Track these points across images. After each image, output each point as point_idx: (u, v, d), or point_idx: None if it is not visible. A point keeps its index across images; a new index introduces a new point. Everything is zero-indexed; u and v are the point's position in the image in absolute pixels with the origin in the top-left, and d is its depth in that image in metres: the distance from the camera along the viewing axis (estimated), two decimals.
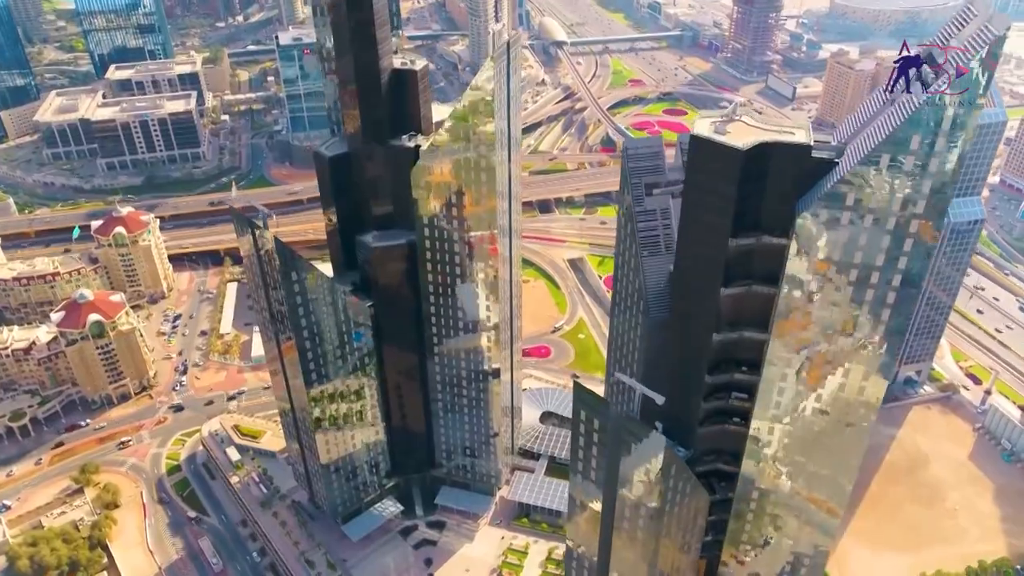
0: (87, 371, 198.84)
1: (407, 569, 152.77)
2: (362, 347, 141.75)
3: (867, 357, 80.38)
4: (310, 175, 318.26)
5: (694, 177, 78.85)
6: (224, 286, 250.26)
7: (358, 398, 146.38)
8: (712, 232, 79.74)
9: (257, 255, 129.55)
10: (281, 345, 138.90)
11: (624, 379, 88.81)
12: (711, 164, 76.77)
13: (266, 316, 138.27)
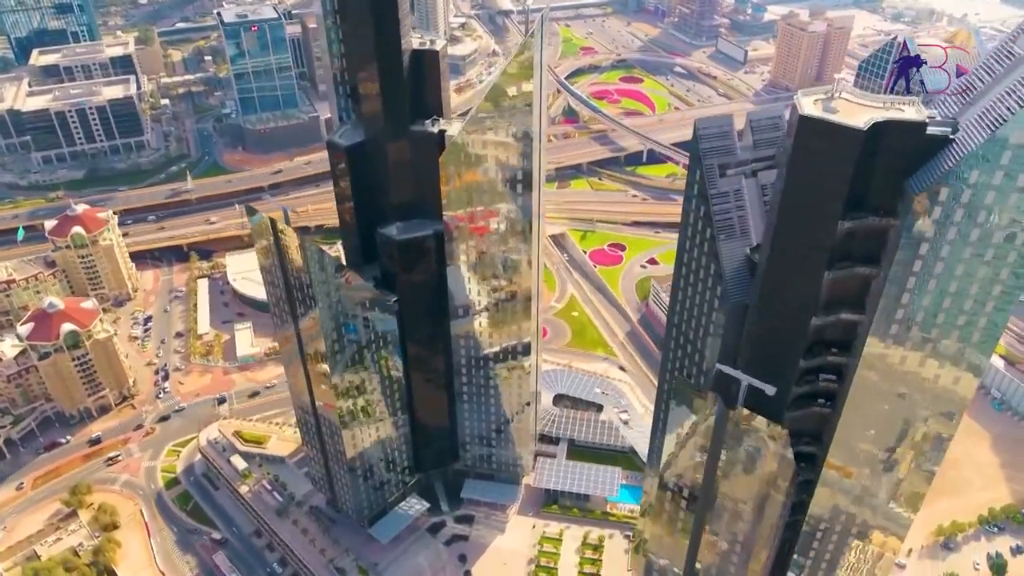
0: (63, 385, 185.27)
1: (442, 568, 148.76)
2: (386, 341, 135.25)
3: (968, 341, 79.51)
4: (266, 160, 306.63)
5: (803, 159, 75.82)
6: (194, 283, 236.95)
7: (383, 394, 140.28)
8: (820, 215, 77.30)
9: (278, 254, 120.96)
10: (304, 346, 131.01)
11: (729, 371, 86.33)
12: (824, 145, 73.94)
13: (286, 317, 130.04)
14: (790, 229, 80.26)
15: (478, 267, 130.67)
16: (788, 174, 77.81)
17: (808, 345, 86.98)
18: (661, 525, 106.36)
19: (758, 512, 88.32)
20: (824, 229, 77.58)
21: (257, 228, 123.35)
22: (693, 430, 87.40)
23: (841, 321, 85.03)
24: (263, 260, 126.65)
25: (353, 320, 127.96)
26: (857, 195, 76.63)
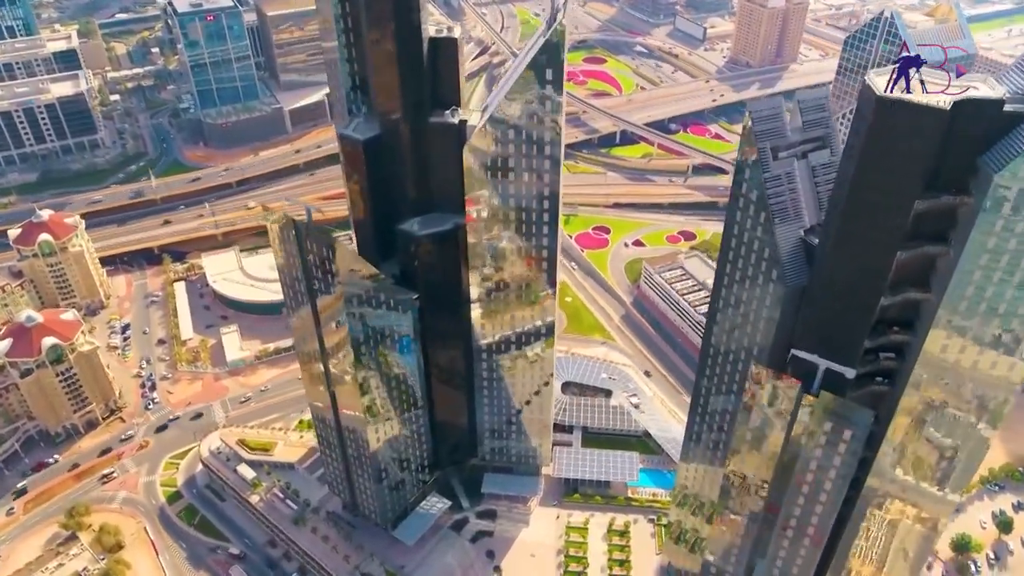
0: (47, 402, 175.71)
1: (470, 565, 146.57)
2: (408, 338, 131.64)
3: None
4: (229, 155, 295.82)
5: (881, 140, 75.26)
6: (171, 287, 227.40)
7: (405, 392, 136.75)
8: (897, 195, 76.94)
9: (302, 254, 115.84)
10: (326, 347, 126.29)
11: (806, 356, 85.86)
12: (905, 126, 73.49)
13: (306, 319, 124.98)
14: (863, 210, 79.82)
15: (500, 257, 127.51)
16: (863, 155, 77.14)
17: (874, 324, 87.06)
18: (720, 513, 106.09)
19: (826, 493, 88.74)
20: (900, 209, 77.37)
21: (277, 228, 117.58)
22: (767, 416, 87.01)
23: (906, 300, 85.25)
24: (282, 261, 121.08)
25: (378, 319, 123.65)
26: (931, 174, 76.50)
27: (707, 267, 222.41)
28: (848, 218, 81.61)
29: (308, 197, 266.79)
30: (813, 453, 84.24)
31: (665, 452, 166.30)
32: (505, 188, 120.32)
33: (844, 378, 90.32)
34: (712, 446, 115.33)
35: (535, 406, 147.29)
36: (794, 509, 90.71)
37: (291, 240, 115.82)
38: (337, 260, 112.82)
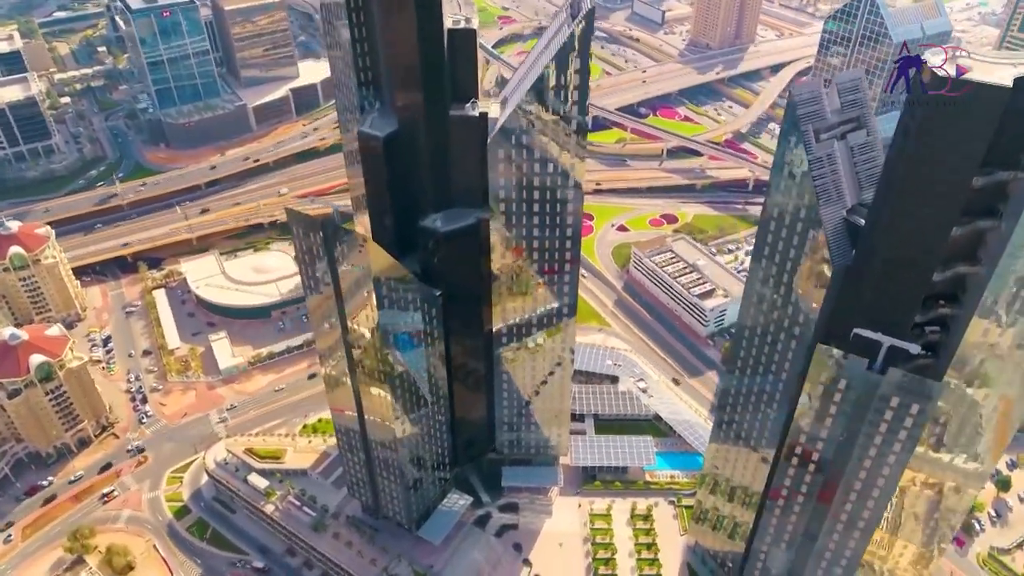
0: (36, 422, 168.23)
1: (498, 560, 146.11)
2: (432, 335, 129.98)
3: None
4: (194, 156, 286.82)
5: (940, 119, 76.72)
6: (150, 295, 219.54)
7: (429, 389, 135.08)
8: (955, 172, 78.55)
9: (329, 255, 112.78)
10: (352, 348, 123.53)
11: (868, 334, 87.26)
12: (965, 104, 74.95)
13: (332, 321, 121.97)
14: (921, 188, 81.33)
15: (523, 249, 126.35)
16: (921, 135, 78.53)
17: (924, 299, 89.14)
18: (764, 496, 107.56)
19: (889, 467, 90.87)
20: (959, 186, 79.06)
21: (302, 230, 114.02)
22: (828, 396, 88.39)
23: (955, 274, 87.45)
24: (306, 263, 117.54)
25: (405, 317, 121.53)
26: (987, 151, 78.28)
27: (695, 249, 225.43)
28: (906, 196, 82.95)
29: (285, 196, 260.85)
30: (879, 429, 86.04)
31: (677, 434, 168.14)
32: (529, 179, 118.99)
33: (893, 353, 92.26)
34: (749, 429, 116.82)
35: (554, 396, 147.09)
36: (853, 486, 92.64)
37: (317, 241, 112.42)
38: (370, 261, 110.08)
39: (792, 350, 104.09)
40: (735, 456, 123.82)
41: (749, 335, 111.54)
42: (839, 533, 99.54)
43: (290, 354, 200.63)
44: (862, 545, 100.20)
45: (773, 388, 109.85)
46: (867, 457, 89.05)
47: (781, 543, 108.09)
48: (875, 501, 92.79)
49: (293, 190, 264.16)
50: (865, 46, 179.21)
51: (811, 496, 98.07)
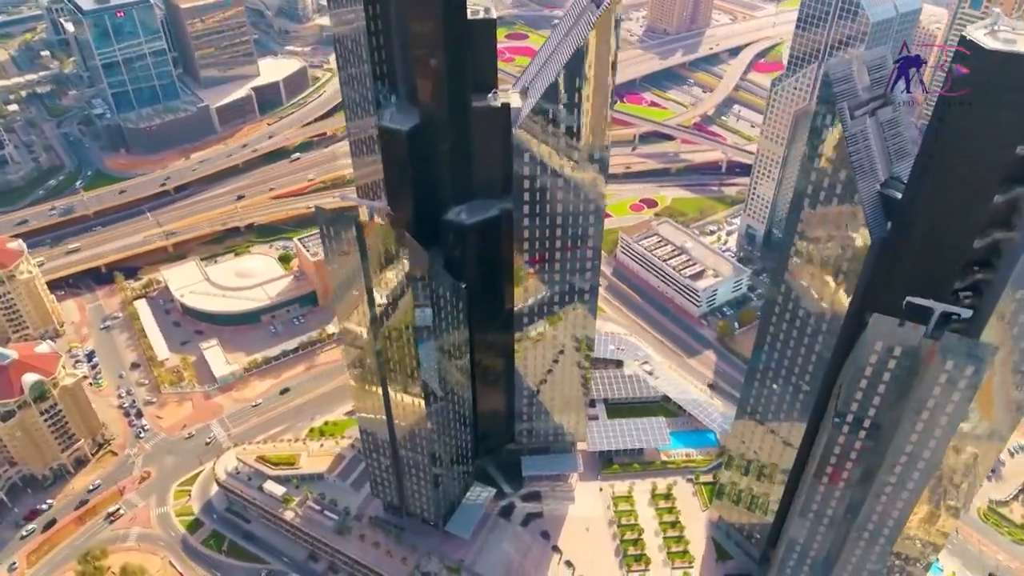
0: (32, 444, 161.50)
1: (528, 549, 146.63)
2: (458, 328, 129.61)
3: None
4: (157, 161, 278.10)
5: (988, 90, 79.81)
6: (131, 306, 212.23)
7: (456, 383, 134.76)
8: (1000, 142, 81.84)
9: (362, 251, 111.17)
10: (382, 346, 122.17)
11: (921, 301, 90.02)
12: (1013, 75, 78.19)
13: (362, 318, 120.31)
14: (967, 158, 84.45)
15: (547, 238, 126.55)
16: (969, 107, 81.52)
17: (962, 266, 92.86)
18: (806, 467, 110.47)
19: (940, 428, 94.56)
20: (1003, 155, 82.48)
21: (334, 229, 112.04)
22: (883, 364, 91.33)
23: (992, 241, 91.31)
24: (338, 261, 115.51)
25: (436, 311, 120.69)
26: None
27: (681, 232, 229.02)
28: (950, 167, 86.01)
29: (260, 198, 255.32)
30: (933, 393, 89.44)
31: (687, 413, 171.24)
32: (555, 167, 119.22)
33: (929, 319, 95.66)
34: (779, 404, 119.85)
35: (573, 383, 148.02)
36: (902, 452, 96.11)
37: (351, 240, 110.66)
38: (405, 256, 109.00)
39: (827, 323, 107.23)
40: (763, 432, 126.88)
41: (780, 311, 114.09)
42: (883, 503, 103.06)
43: (286, 358, 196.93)
44: (905, 513, 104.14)
45: (806, 361, 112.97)
46: (919, 421, 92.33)
47: (824, 515, 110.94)
48: (924, 465, 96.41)
49: (266, 192, 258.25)
50: (843, 18, 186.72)
51: (858, 465, 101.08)
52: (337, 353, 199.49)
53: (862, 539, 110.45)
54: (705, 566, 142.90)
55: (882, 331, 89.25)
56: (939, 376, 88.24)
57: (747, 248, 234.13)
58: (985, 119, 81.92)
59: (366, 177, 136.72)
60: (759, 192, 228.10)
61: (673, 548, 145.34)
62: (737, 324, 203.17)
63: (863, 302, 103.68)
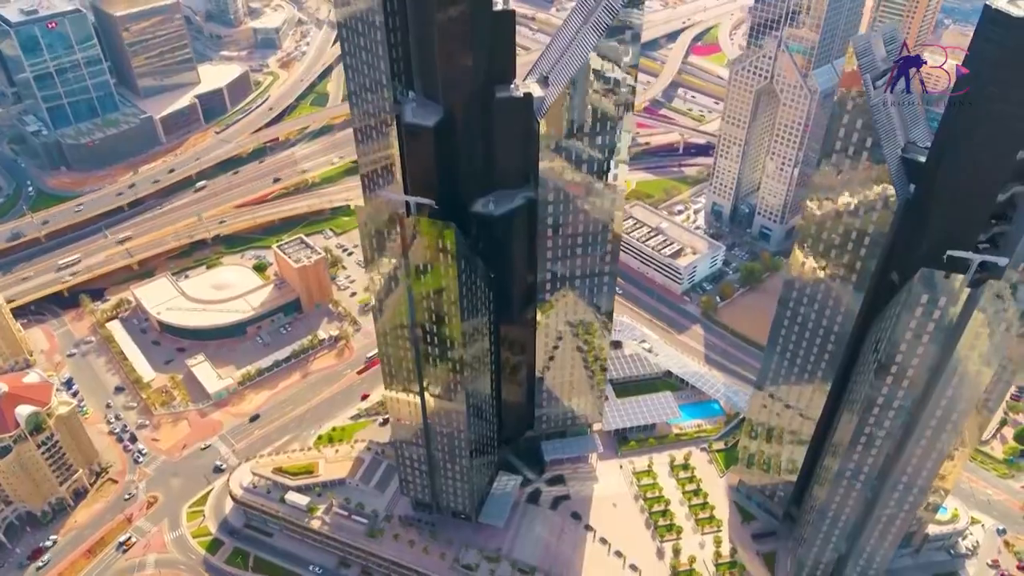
0: (28, 479, 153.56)
1: (562, 530, 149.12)
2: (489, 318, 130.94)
3: None
4: (102, 177, 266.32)
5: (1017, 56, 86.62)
6: (104, 329, 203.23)
7: (486, 373, 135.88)
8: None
9: (404, 246, 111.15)
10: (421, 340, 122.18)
11: (960, 253, 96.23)
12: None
13: (402, 317, 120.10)
14: (993, 119, 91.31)
15: (569, 223, 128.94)
16: (999, 72, 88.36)
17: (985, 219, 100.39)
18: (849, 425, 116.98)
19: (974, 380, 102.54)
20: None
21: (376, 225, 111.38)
22: (928, 315, 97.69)
23: (1011, 195, 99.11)
24: (380, 257, 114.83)
25: (472, 302, 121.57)
26: None
27: (654, 214, 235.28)
28: (978, 129, 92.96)
29: (221, 208, 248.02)
30: (979, 337, 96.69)
31: (690, 386, 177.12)
32: (579, 154, 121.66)
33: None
34: (803, 364, 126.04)
35: (593, 366, 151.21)
36: (946, 392, 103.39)
37: (393, 236, 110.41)
38: (452, 250, 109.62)
39: (853, 283, 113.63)
40: (786, 395, 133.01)
41: (801, 277, 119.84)
42: (921, 452, 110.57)
43: (279, 368, 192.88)
44: (940, 459, 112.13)
45: (831, 323, 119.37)
46: (963, 362, 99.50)
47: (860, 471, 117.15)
48: (964, 406, 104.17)
49: (225, 201, 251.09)
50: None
51: (900, 415, 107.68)
52: (331, 359, 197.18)
53: (896, 490, 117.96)
54: (732, 528, 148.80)
55: (929, 283, 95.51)
56: (986, 318, 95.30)
57: (716, 225, 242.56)
58: (1014, 81, 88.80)
59: (368, 165, 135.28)
60: (722, 170, 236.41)
61: (700, 515, 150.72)
62: (719, 298, 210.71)
63: (887, 261, 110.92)
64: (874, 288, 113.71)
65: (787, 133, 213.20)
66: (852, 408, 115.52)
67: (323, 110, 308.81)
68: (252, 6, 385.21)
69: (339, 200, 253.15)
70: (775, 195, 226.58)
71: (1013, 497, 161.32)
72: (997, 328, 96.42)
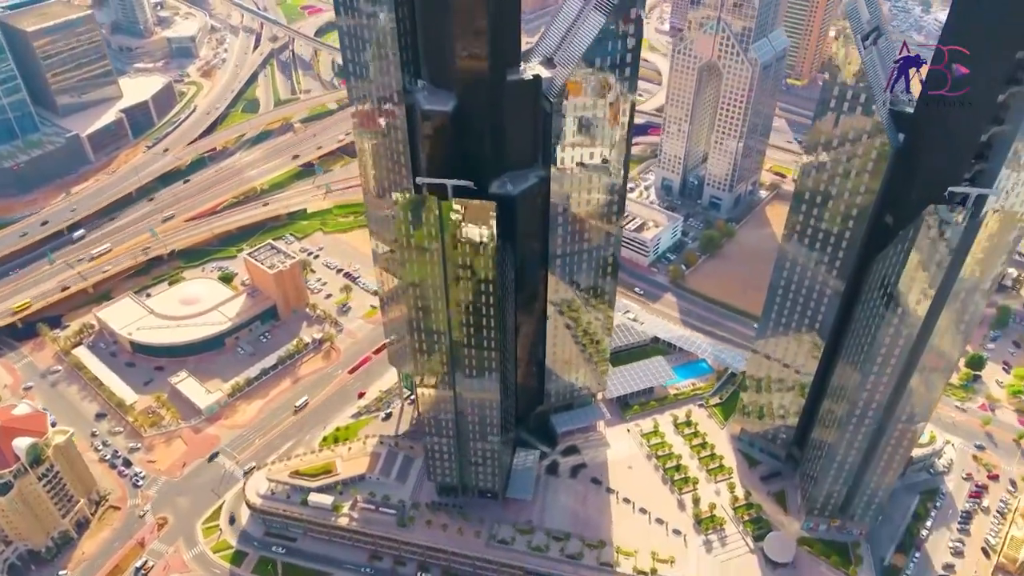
0: (30, 515, 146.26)
1: (585, 496, 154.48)
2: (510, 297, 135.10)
3: None
4: (31, 201, 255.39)
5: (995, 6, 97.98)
6: (72, 356, 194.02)
7: (510, 351, 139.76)
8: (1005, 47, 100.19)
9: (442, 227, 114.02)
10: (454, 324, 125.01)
11: (961, 189, 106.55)
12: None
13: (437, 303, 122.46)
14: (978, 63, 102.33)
15: (578, 199, 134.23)
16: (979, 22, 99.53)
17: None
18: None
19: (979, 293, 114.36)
20: (1008, 60, 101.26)
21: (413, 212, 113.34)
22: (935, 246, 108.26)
23: (991, 134, 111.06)
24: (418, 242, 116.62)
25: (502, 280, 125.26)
26: None
27: None
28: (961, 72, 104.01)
29: (172, 223, 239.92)
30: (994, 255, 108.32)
31: (678, 348, 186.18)
32: (587, 131, 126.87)
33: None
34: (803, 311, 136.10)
35: (600, 338, 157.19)
36: (949, 317, 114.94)
37: (432, 220, 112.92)
38: (494, 227, 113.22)
39: (851, 226, 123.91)
40: (787, 343, 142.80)
41: (803, 226, 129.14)
42: (929, 367, 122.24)
43: (267, 376, 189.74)
44: (943, 381, 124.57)
45: (830, 267, 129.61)
46: (967, 282, 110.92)
47: (871, 403, 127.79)
48: (965, 326, 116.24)
49: (177, 214, 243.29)
50: None
51: (908, 343, 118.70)
52: (319, 361, 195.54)
53: (900, 420, 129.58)
54: (741, 474, 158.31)
55: (936, 216, 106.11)
56: (987, 242, 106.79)
57: (667, 199, 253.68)
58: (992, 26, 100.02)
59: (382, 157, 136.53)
60: (669, 147, 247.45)
61: (710, 466, 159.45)
62: (684, 266, 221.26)
63: (882, 202, 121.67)
64: (868, 233, 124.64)
65: (732, 105, 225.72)
66: (856, 349, 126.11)
67: (257, 116, 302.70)
68: (161, 15, 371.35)
69: (295, 205, 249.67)
70: (722, 166, 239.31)
71: (973, 418, 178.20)
72: (996, 250, 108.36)
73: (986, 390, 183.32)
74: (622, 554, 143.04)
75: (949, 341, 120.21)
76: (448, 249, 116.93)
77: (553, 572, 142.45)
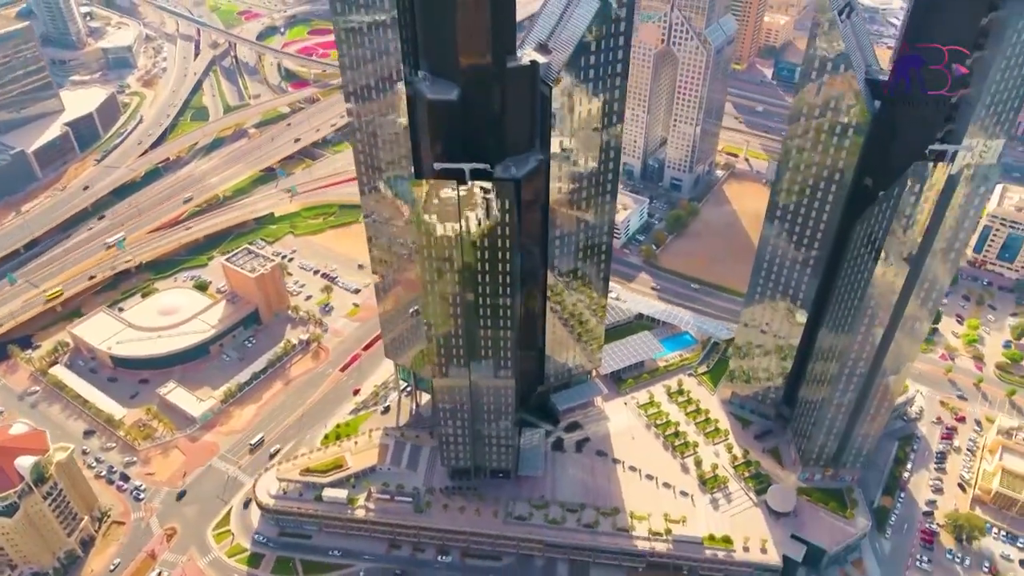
0: (36, 536, 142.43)
1: (593, 468, 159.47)
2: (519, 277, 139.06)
3: None
4: None
5: None
6: (51, 375, 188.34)
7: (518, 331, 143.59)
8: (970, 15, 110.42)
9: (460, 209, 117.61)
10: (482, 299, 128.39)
11: (942, 147, 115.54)
12: None
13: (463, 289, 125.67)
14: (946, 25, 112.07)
15: (575, 180, 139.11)
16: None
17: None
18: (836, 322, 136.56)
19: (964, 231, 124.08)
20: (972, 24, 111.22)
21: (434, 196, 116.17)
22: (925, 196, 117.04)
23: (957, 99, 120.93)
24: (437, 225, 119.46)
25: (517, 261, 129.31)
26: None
27: None
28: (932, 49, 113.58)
29: (135, 235, 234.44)
30: (969, 207, 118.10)
31: (662, 323, 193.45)
32: (583, 114, 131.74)
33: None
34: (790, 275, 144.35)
35: (597, 318, 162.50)
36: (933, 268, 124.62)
37: (450, 203, 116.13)
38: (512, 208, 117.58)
39: (833, 191, 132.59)
40: (774, 308, 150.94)
41: (787, 191, 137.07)
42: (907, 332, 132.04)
43: (258, 380, 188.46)
44: (919, 340, 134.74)
45: (815, 229, 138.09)
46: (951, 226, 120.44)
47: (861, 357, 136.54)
48: (949, 265, 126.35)
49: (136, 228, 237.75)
50: None
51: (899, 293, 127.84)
52: (309, 362, 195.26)
53: (887, 372, 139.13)
54: (736, 434, 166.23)
55: (919, 173, 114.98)
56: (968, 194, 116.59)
57: (629, 183, 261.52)
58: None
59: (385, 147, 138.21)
60: (629, 133, 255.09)
61: (707, 429, 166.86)
62: (655, 246, 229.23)
63: (863, 164, 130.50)
64: (849, 197, 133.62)
65: (688, 89, 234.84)
66: (843, 308, 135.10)
67: (208, 124, 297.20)
68: (92, 26, 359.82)
69: (261, 210, 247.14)
70: (681, 148, 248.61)
71: (936, 367, 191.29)
72: (975, 201, 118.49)
73: (944, 341, 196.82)
74: (636, 518, 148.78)
75: (935, 293, 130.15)
76: (467, 232, 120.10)
77: (572, 542, 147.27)
